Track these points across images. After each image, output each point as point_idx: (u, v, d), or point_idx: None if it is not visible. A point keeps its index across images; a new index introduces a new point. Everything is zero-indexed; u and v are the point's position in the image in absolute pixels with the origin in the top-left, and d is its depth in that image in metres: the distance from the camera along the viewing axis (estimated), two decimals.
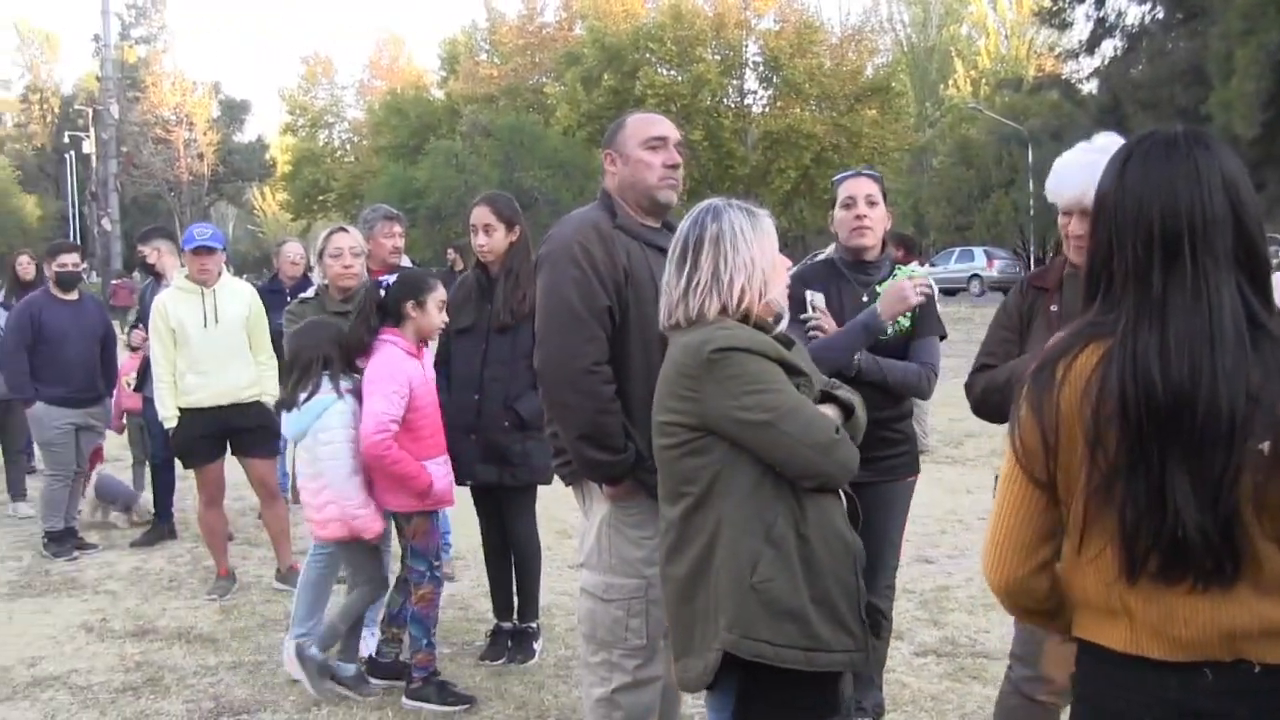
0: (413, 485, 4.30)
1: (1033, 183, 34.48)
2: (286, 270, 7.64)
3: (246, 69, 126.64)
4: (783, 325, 2.73)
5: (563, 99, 41.50)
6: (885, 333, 3.73)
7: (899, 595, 4.93)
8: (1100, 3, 23.35)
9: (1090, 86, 24.89)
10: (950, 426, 10.86)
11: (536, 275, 3.43)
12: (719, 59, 41.64)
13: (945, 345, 4.05)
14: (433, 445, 4.42)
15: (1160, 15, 22.58)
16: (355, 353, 4.36)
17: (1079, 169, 2.97)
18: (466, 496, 5.07)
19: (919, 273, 4.02)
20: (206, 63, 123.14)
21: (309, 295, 5.18)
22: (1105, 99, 22.42)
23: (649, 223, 3.40)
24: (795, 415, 2.47)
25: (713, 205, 2.67)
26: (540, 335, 3.30)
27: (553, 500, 5.38)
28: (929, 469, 8.82)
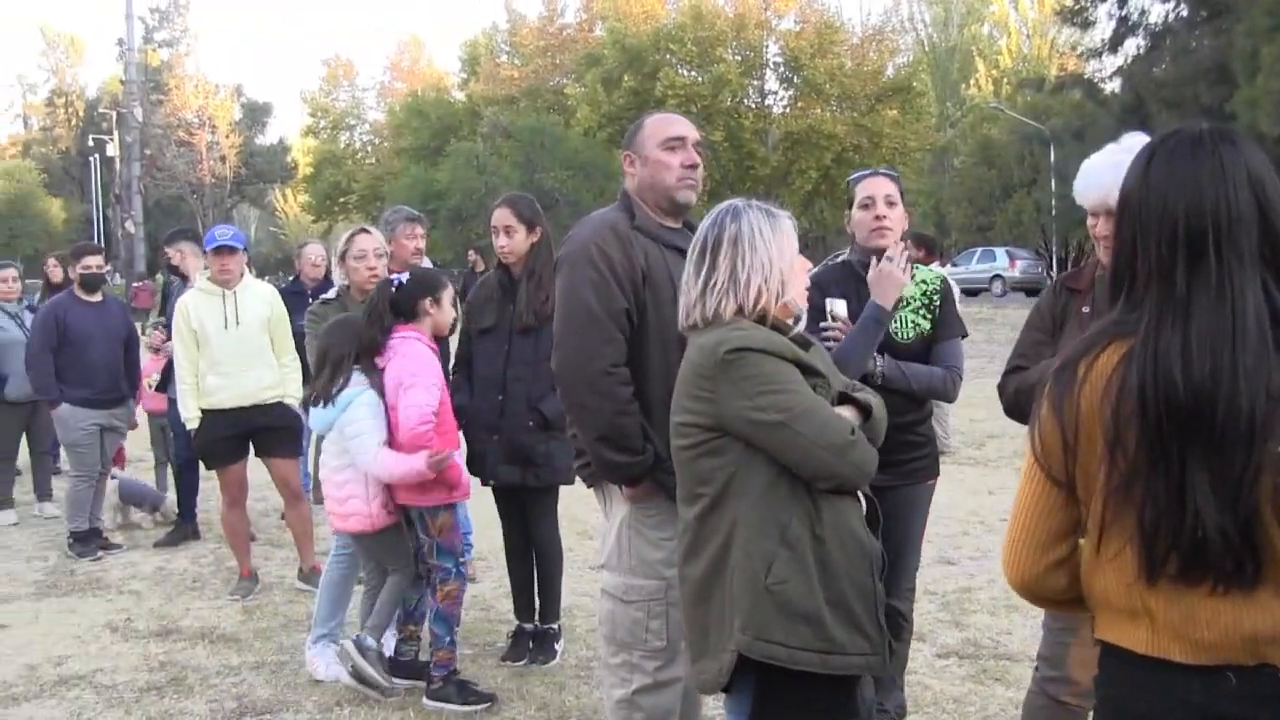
0: (448, 475, 4.38)
1: (1055, 182, 34.27)
2: (308, 272, 7.67)
3: (268, 71, 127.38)
4: (800, 326, 2.71)
5: (583, 100, 41.52)
6: (894, 319, 3.64)
7: (921, 597, 4.92)
8: (1123, 1, 23.19)
9: (1113, 86, 24.72)
10: (972, 427, 10.81)
11: (555, 277, 3.44)
12: (739, 60, 41.57)
13: (966, 346, 4.01)
14: (452, 438, 4.51)
15: (1184, 13, 22.40)
16: (370, 352, 4.38)
17: (1106, 170, 2.95)
18: (488, 498, 5.09)
19: (935, 273, 3.97)
20: (229, 65, 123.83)
21: (330, 296, 5.21)
22: (1128, 98, 22.27)
23: (669, 223, 3.40)
24: (809, 416, 2.45)
25: (733, 206, 2.67)
26: (558, 337, 3.31)
27: (574, 501, 5.38)
28: (951, 470, 8.81)
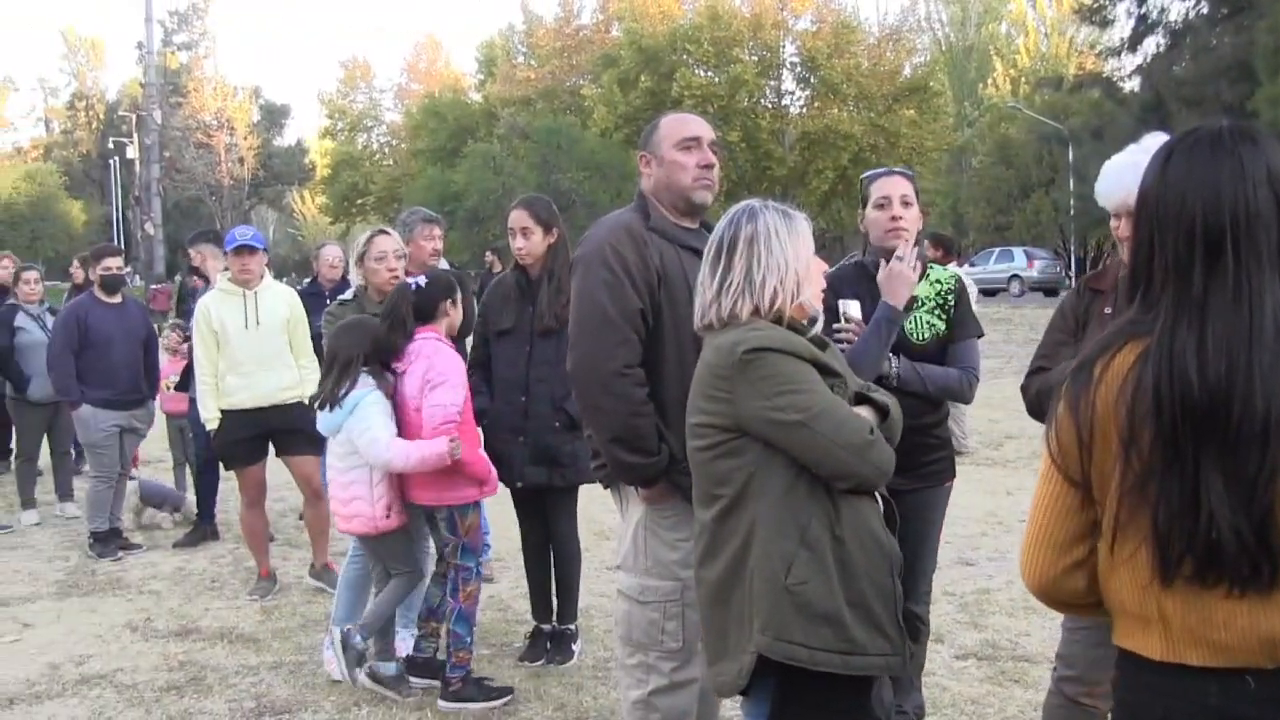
0: (476, 472, 4.41)
1: (1073, 182, 34.11)
2: (325, 273, 7.70)
3: (286, 73, 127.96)
4: (818, 328, 2.70)
5: (600, 101, 41.55)
6: (908, 320, 3.60)
7: (939, 598, 4.91)
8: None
9: (1132, 84, 24.59)
10: (990, 428, 10.78)
11: (571, 278, 3.44)
12: (756, 60, 41.54)
13: (984, 346, 3.99)
14: (474, 440, 4.53)
15: (1204, 10, 22.26)
16: (390, 355, 4.38)
17: (1127, 170, 2.94)
18: (506, 499, 5.09)
19: (949, 272, 3.93)
20: (247, 68, 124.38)
21: (347, 297, 5.22)
22: (1148, 97, 22.12)
23: (685, 224, 3.40)
24: (829, 415, 2.45)
25: (749, 206, 2.67)
26: (573, 338, 3.31)
27: (591, 502, 5.39)
28: (969, 470, 8.78)
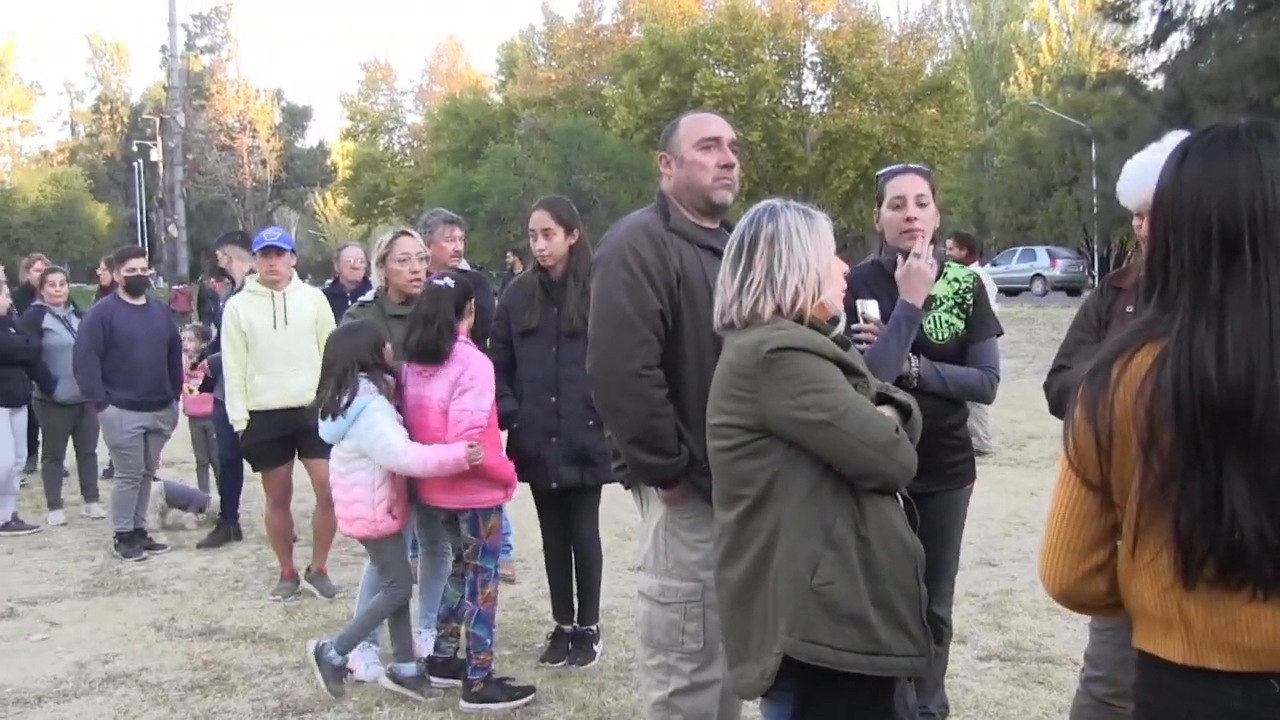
0: (501, 475, 4.44)
1: (1096, 180, 33.91)
2: (347, 274, 7.73)
3: (308, 75, 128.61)
4: (839, 327, 2.69)
5: (620, 101, 41.53)
6: (927, 319, 3.57)
7: (961, 599, 4.89)
8: None
9: (1156, 82, 24.39)
10: (1012, 428, 10.72)
11: (591, 279, 3.44)
12: (777, 60, 41.42)
13: (1007, 346, 3.97)
14: (498, 439, 4.56)
15: (1230, 6, 22.03)
16: (434, 360, 4.35)
17: (1148, 169, 2.92)
18: (527, 500, 5.10)
19: (968, 271, 3.89)
20: (269, 70, 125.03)
21: (369, 299, 5.24)
22: (1172, 94, 21.92)
23: (705, 224, 3.39)
24: (854, 414, 2.44)
25: (770, 205, 2.66)
26: (592, 339, 3.31)
27: (613, 503, 5.39)
28: (991, 471, 8.75)
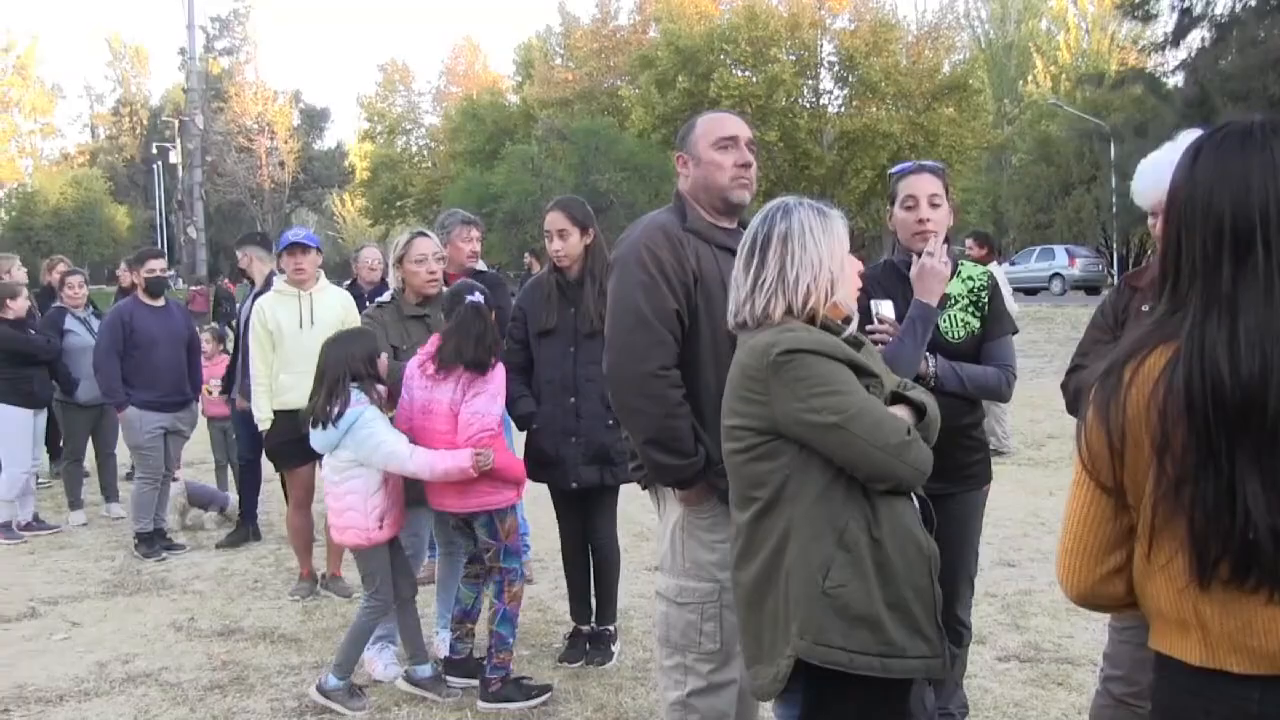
0: (513, 474, 4.46)
1: (1115, 179, 33.73)
2: (364, 275, 7.75)
3: (326, 77, 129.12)
4: (852, 327, 2.66)
5: (637, 102, 41.52)
6: (943, 318, 3.54)
7: (980, 599, 4.86)
8: None
9: (1176, 80, 24.24)
10: (1031, 427, 10.68)
11: (608, 279, 3.44)
12: (794, 59, 41.33)
13: (1026, 346, 3.96)
14: (504, 440, 4.57)
15: (1252, 3, 21.86)
16: (480, 370, 4.32)
17: (1164, 168, 2.89)
18: (545, 500, 5.11)
19: (981, 269, 3.85)
20: (287, 72, 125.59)
21: (386, 299, 5.25)
22: (1192, 91, 21.76)
23: (723, 224, 3.39)
24: (864, 416, 2.41)
25: (784, 203, 2.64)
26: (609, 339, 3.31)
27: (630, 503, 5.39)
28: (1010, 470, 8.72)
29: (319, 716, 4.43)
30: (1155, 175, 2.99)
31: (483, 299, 4.41)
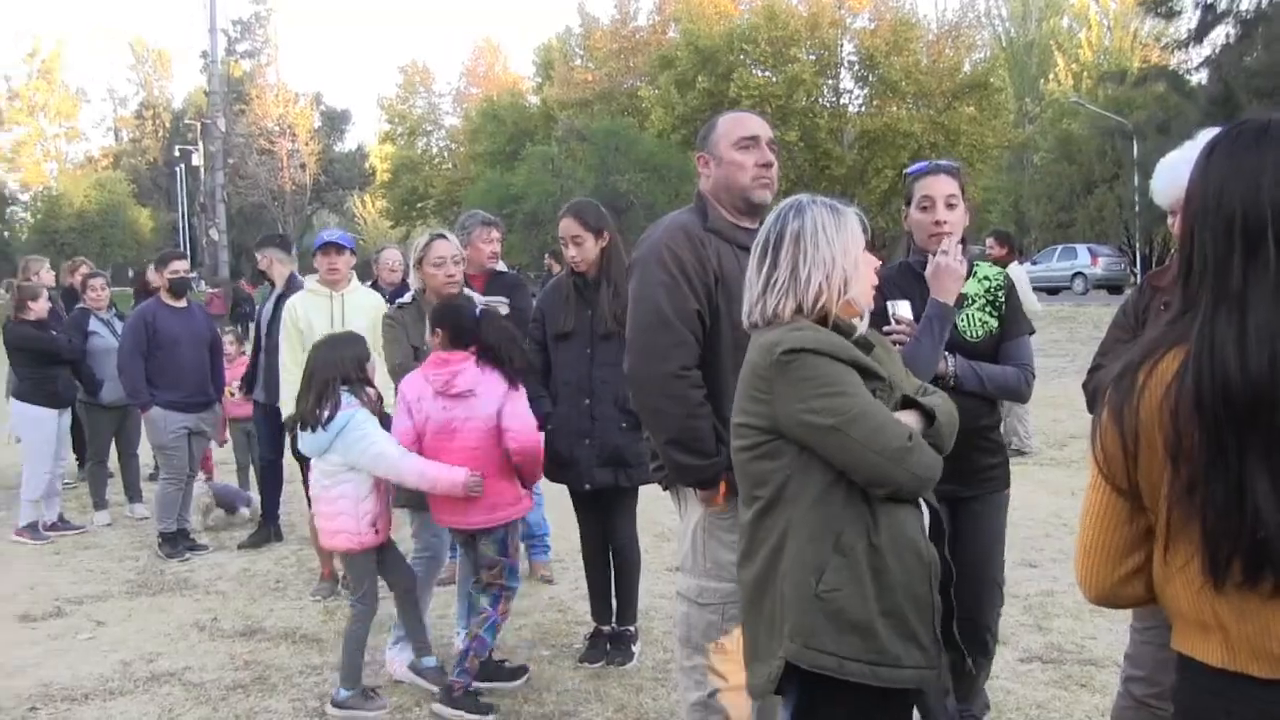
0: (533, 473, 4.55)
1: (1138, 177, 33.47)
2: (385, 277, 7.78)
3: (346, 79, 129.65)
4: (863, 325, 2.63)
5: (657, 102, 41.52)
6: (960, 317, 3.53)
7: None
8: None
9: (1199, 77, 24.05)
10: (1053, 427, 10.63)
11: (628, 280, 3.44)
12: (814, 59, 41.24)
13: (1048, 345, 3.95)
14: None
15: None
16: (522, 379, 4.41)
17: (1183, 167, 2.87)
18: (566, 500, 5.11)
19: (997, 269, 3.82)
20: (308, 74, 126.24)
21: (407, 300, 5.27)
22: (1216, 89, 21.56)
23: (745, 224, 3.38)
24: (864, 420, 2.36)
25: (797, 201, 2.61)
26: (630, 340, 3.31)
27: (651, 503, 5.39)
28: (1032, 470, 8.68)
29: (342, 713, 4.45)
30: (1174, 174, 2.97)
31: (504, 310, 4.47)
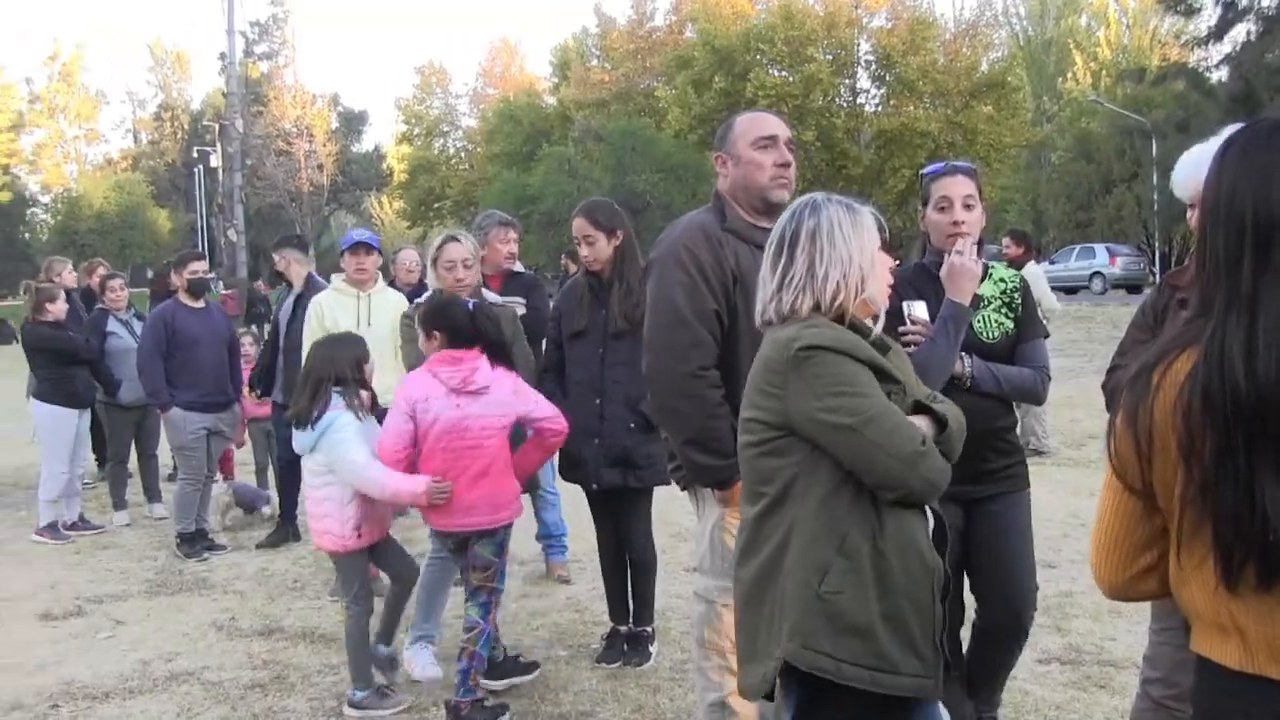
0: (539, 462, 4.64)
1: (1157, 176, 33.31)
2: (402, 277, 7.80)
3: (364, 80, 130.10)
4: (879, 326, 2.60)
5: (674, 102, 41.54)
6: (976, 318, 3.51)
7: None
8: None
9: (1219, 74, 23.88)
10: (1072, 427, 10.58)
11: (645, 280, 3.44)
12: (831, 58, 41.20)
13: (1066, 345, 3.94)
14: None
15: None
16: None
17: (1200, 161, 2.87)
18: (583, 500, 5.12)
19: (1012, 271, 3.81)
20: (325, 75, 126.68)
21: (423, 300, 5.28)
22: (1237, 86, 21.40)
23: (762, 223, 3.36)
24: (880, 421, 2.34)
25: (812, 199, 2.59)
26: (648, 340, 3.31)
27: (668, 503, 5.39)
28: (1050, 471, 8.64)
29: (359, 713, 4.46)
30: (1196, 167, 2.95)
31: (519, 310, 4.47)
